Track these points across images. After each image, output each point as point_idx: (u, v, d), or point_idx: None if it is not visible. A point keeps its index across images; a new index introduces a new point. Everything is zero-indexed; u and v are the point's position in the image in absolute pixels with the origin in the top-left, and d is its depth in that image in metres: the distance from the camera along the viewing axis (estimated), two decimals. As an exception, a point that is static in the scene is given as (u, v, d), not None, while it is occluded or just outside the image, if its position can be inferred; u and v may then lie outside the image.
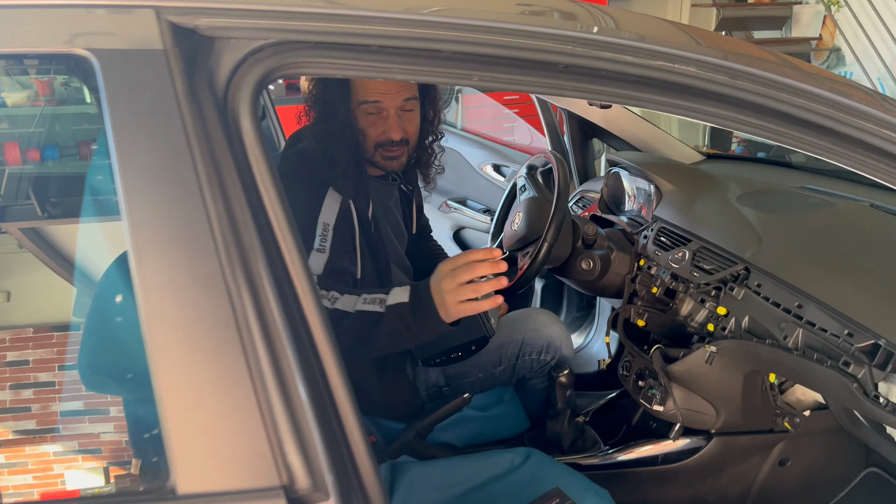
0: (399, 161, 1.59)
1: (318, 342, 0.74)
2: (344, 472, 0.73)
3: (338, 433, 0.74)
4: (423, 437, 1.59)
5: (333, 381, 0.74)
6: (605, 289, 1.84)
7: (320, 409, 0.72)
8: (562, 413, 1.67)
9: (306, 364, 0.72)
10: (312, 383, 0.72)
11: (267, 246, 0.71)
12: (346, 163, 1.50)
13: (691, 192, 1.77)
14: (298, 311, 0.72)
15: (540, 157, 1.91)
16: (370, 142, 1.55)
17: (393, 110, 1.53)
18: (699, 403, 1.59)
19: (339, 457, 0.74)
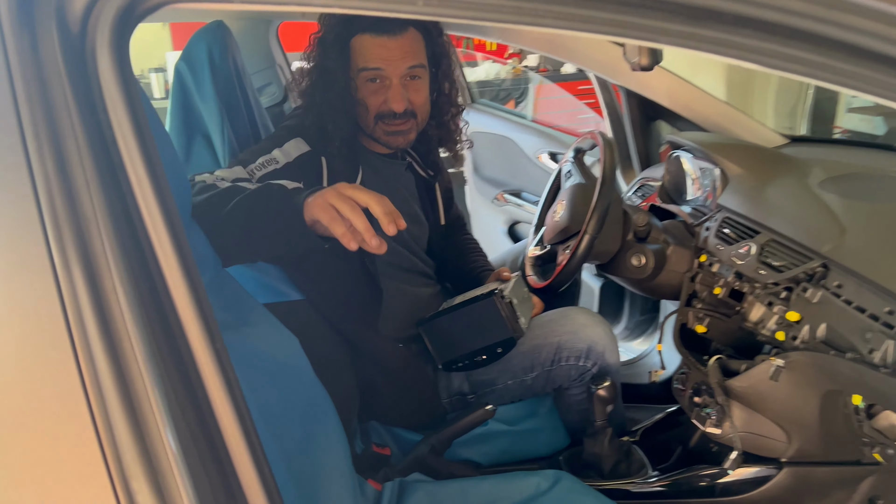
0: (405, 137, 1.42)
1: (196, 351, 0.56)
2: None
3: (215, 466, 0.57)
4: (439, 453, 1.41)
5: (214, 396, 0.57)
6: (659, 289, 1.60)
7: (188, 434, 0.55)
8: (601, 432, 1.44)
9: (173, 375, 0.55)
10: (181, 401, 0.55)
11: (123, 233, 0.54)
12: (340, 138, 1.34)
13: (763, 176, 1.50)
14: (159, 308, 0.55)
15: (587, 138, 1.68)
16: (370, 113, 1.39)
17: (396, 79, 1.36)
18: (766, 427, 1.33)
19: (221, 498, 0.56)
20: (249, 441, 0.59)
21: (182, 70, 1.35)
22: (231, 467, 0.57)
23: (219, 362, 0.58)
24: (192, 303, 0.56)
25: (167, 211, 0.56)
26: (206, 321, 0.57)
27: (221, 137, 1.36)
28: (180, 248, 0.56)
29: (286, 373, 1.16)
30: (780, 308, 1.27)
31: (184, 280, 0.56)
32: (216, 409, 0.56)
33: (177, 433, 0.53)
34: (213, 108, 1.35)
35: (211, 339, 0.57)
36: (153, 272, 0.55)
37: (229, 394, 0.58)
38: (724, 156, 1.55)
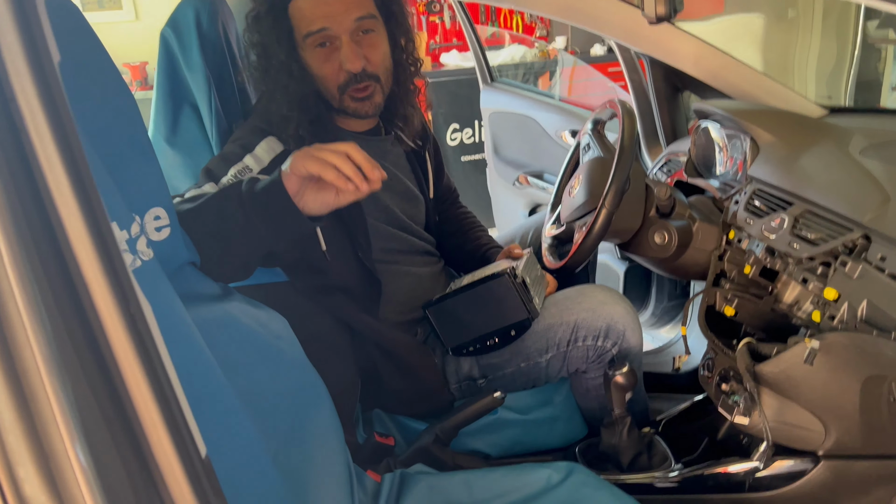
0: (371, 102, 1.31)
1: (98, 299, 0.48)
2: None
3: (135, 455, 0.48)
4: (445, 444, 1.32)
5: (123, 360, 0.48)
6: (685, 268, 1.48)
7: (91, 407, 0.46)
8: (619, 421, 1.34)
9: (72, 327, 0.46)
10: (84, 364, 0.46)
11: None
12: (297, 121, 1.24)
13: (797, 144, 1.37)
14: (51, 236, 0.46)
15: (606, 108, 1.57)
16: (332, 85, 1.28)
17: (346, 35, 1.24)
18: (801, 416, 1.21)
19: (137, 493, 0.48)
20: (171, 420, 0.50)
21: (168, 36, 1.28)
22: (149, 449, 0.48)
23: (129, 319, 0.49)
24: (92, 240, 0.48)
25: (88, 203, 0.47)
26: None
27: (209, 108, 1.28)
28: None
29: (274, 353, 1.08)
30: (815, 285, 1.15)
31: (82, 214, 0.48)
32: (127, 376, 0.48)
33: (75, 405, 0.45)
34: (200, 77, 1.27)
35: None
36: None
37: (143, 359, 0.49)
38: (755, 123, 1.43)
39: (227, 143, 1.26)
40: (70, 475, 0.45)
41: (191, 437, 0.53)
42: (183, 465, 0.51)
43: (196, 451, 0.53)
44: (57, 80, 0.49)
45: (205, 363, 0.85)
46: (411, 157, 1.52)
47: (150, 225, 0.90)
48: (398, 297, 1.41)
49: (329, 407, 1.16)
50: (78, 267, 0.49)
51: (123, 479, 0.48)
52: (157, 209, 0.91)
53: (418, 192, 1.50)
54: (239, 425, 0.90)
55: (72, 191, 0.48)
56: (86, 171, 0.50)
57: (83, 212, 0.49)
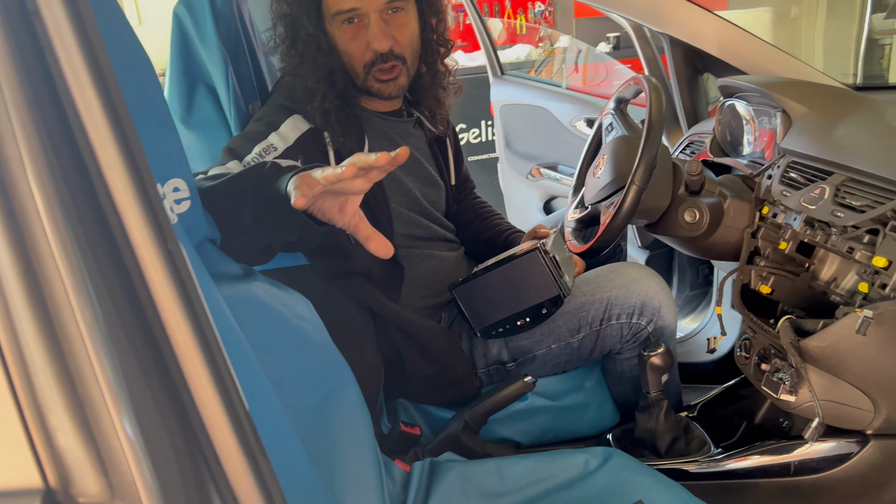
0: (397, 83, 1.28)
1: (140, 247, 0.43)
2: (188, 471, 0.43)
3: (174, 407, 0.43)
4: (474, 431, 1.27)
5: (166, 307, 0.43)
6: (717, 247, 1.43)
7: (136, 370, 0.41)
8: (655, 404, 1.28)
9: (107, 274, 0.41)
10: (118, 307, 0.41)
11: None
12: (322, 94, 1.20)
13: (831, 114, 1.33)
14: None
15: (630, 85, 1.52)
16: (357, 63, 1.24)
17: (375, 13, 1.21)
18: (848, 393, 1.15)
19: (178, 448, 0.43)
20: (217, 372, 0.46)
21: (181, 14, 1.24)
22: (190, 400, 0.43)
23: (172, 265, 0.44)
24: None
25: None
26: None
27: (226, 87, 1.24)
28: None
29: (298, 334, 1.03)
30: (863, 254, 1.10)
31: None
32: (169, 324, 0.43)
33: (111, 351, 0.40)
34: (216, 54, 1.23)
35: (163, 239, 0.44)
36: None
37: (184, 303, 0.44)
38: (787, 95, 1.38)
39: (250, 122, 1.22)
40: (108, 424, 0.40)
41: (235, 389, 0.48)
42: (228, 416, 0.46)
43: (241, 403, 0.49)
44: (106, 56, 0.45)
45: (233, 337, 0.80)
46: (432, 143, 1.47)
47: (171, 196, 0.86)
48: (421, 281, 1.36)
49: (355, 390, 1.11)
50: (121, 223, 0.44)
51: (163, 432, 0.43)
52: (176, 180, 0.86)
53: (439, 178, 1.46)
54: (268, 404, 0.85)
55: (117, 149, 0.44)
56: (132, 132, 0.46)
57: (128, 170, 0.45)
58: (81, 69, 0.43)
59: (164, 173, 0.85)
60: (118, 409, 0.40)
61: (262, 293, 1.01)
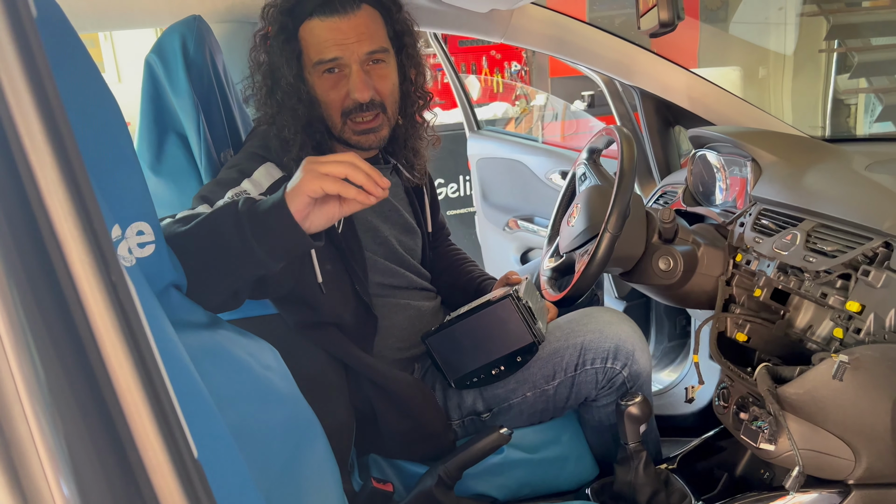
0: (377, 135, 1.27)
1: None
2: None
3: (118, 462, 0.41)
4: (449, 487, 1.22)
5: (118, 376, 0.41)
6: (691, 295, 1.42)
7: (77, 425, 0.39)
8: (634, 456, 1.25)
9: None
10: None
11: None
12: (300, 144, 1.20)
13: (800, 162, 1.35)
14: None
15: (602, 135, 1.54)
16: (334, 111, 1.24)
17: (356, 64, 1.21)
18: (829, 442, 1.13)
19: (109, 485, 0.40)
20: (161, 414, 0.43)
21: (152, 62, 1.24)
22: (131, 441, 0.41)
23: (120, 309, 0.42)
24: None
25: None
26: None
27: (198, 135, 1.23)
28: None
29: (264, 385, 0.99)
30: (836, 299, 1.10)
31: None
32: (111, 364, 0.41)
33: (48, 402, 0.37)
34: (187, 102, 1.22)
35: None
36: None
37: (130, 345, 0.42)
38: (756, 144, 1.41)
39: (223, 169, 1.21)
40: (37, 467, 0.37)
41: (182, 435, 0.46)
42: (173, 462, 0.43)
43: (188, 449, 0.46)
44: (50, 78, 0.44)
45: (193, 387, 0.77)
46: (409, 190, 1.47)
47: (133, 240, 0.84)
48: (396, 332, 1.34)
49: (324, 444, 1.07)
50: (62, 255, 0.42)
51: (100, 474, 0.40)
52: (140, 223, 0.85)
53: (416, 225, 1.45)
54: (229, 457, 0.81)
55: (64, 187, 0.42)
56: (80, 168, 0.44)
57: (76, 208, 0.43)
58: (24, 93, 0.41)
59: (128, 216, 0.83)
60: (55, 469, 0.37)
61: (228, 342, 0.98)
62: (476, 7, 1.59)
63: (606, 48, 1.71)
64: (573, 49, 1.70)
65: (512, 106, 4.75)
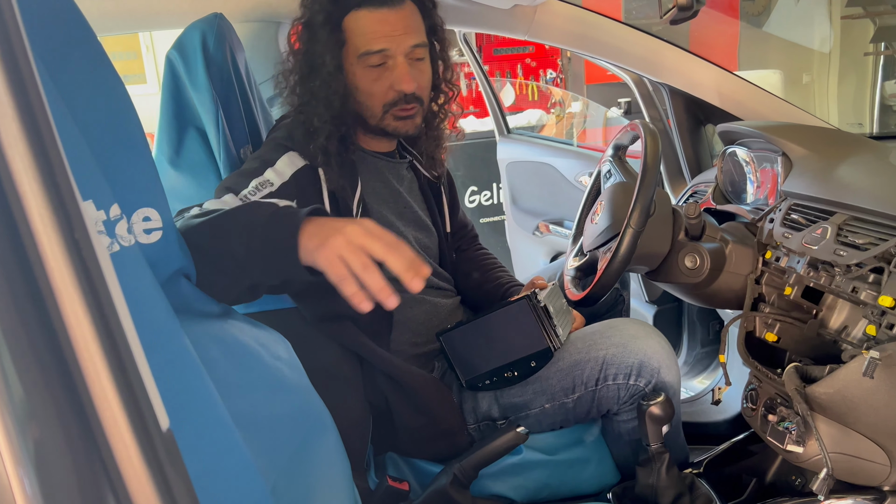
0: (413, 122, 1.28)
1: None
2: (74, 470, 0.39)
3: (63, 388, 0.40)
4: (464, 486, 1.20)
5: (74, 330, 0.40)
6: (719, 294, 1.38)
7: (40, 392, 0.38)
8: (656, 458, 1.21)
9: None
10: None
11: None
12: (327, 134, 1.20)
13: (832, 155, 1.29)
14: None
15: (627, 131, 1.51)
16: (377, 103, 1.24)
17: (401, 56, 1.22)
18: (861, 445, 1.08)
19: (68, 444, 0.39)
20: (125, 384, 0.42)
21: (173, 58, 1.25)
22: (83, 381, 0.40)
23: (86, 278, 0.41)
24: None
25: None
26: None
27: (216, 129, 1.24)
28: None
29: (273, 375, 0.99)
30: (868, 294, 1.05)
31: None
32: (60, 296, 0.40)
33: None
34: (206, 97, 1.23)
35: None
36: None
37: (94, 312, 0.41)
38: (786, 138, 1.36)
39: (246, 161, 1.22)
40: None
41: (148, 405, 0.44)
42: (134, 430, 0.42)
43: (154, 419, 0.45)
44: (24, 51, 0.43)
45: (188, 366, 0.76)
46: (425, 187, 1.45)
47: (139, 226, 0.84)
48: (412, 326, 1.32)
49: (335, 438, 1.06)
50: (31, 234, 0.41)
51: (60, 438, 0.39)
52: (147, 209, 0.85)
53: (430, 224, 1.43)
54: (230, 446, 0.80)
55: (33, 162, 0.42)
56: (52, 143, 0.43)
57: (43, 179, 0.42)
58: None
59: (134, 201, 0.83)
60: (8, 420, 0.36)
61: (237, 331, 0.97)
62: (499, 3, 1.58)
63: (633, 44, 1.67)
64: (598, 45, 1.68)
65: (547, 113, 4.72)
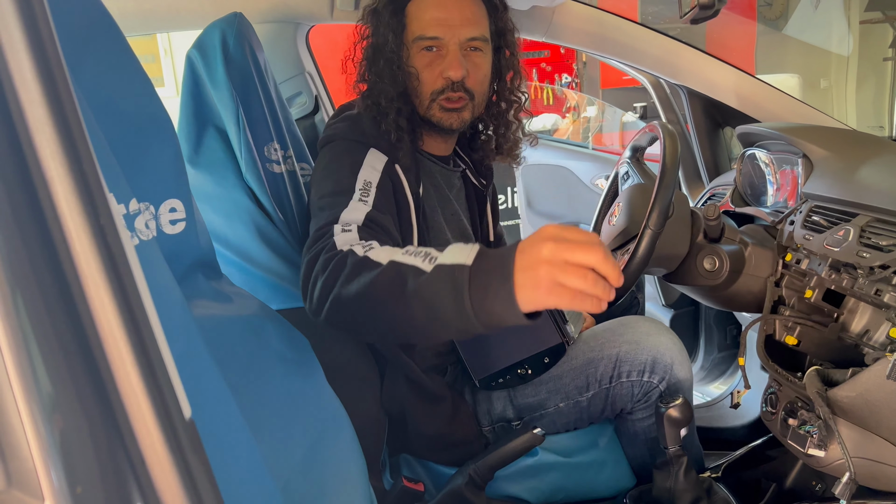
0: (460, 116, 1.24)
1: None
2: (95, 457, 0.38)
3: (98, 401, 0.40)
4: (479, 487, 1.19)
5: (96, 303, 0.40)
6: (738, 297, 1.36)
7: (56, 357, 0.38)
8: (674, 461, 1.20)
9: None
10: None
11: None
12: (396, 112, 1.20)
13: (854, 156, 1.28)
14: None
15: (645, 132, 1.50)
16: (426, 89, 1.23)
17: (455, 45, 1.21)
18: (884, 450, 1.06)
19: (97, 443, 0.39)
20: (150, 373, 0.42)
21: (193, 57, 1.25)
22: (109, 372, 0.40)
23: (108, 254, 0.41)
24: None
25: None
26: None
27: (237, 124, 1.24)
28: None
29: (290, 371, 0.99)
30: (892, 296, 1.03)
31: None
32: (89, 290, 0.40)
33: (17, 315, 0.36)
34: (226, 95, 1.23)
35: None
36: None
37: (120, 298, 0.41)
38: (807, 139, 1.34)
39: (322, 175, 1.19)
40: (9, 402, 0.36)
41: (172, 393, 0.44)
42: (158, 418, 0.42)
43: (177, 407, 0.44)
44: (54, 47, 0.43)
45: (199, 359, 0.76)
46: (472, 196, 1.44)
47: (165, 217, 0.84)
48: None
49: (350, 436, 1.05)
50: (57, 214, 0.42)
51: (81, 423, 0.39)
52: (173, 201, 0.85)
53: (472, 233, 1.42)
54: (239, 442, 0.80)
55: (63, 153, 0.42)
56: (81, 139, 0.43)
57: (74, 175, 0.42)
58: (21, 48, 0.41)
59: (162, 193, 0.84)
60: (24, 387, 0.36)
61: (253, 326, 0.97)
62: (517, 4, 1.58)
63: (650, 45, 1.67)
64: (616, 47, 1.67)
65: (562, 118, 4.71)
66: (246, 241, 1.26)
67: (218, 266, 0.98)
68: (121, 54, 0.81)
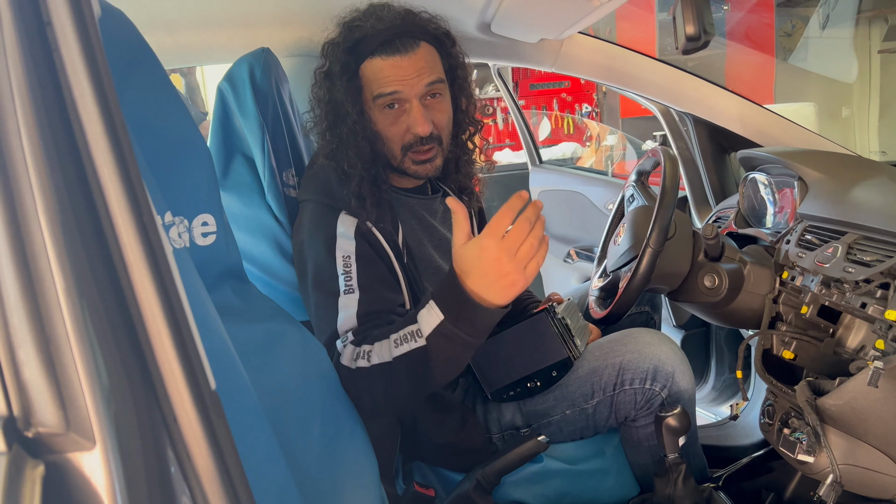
0: (433, 164, 1.31)
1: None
2: (135, 412, 0.47)
3: (138, 366, 0.48)
4: (487, 492, 1.25)
5: (136, 274, 0.49)
6: (738, 314, 1.42)
7: (104, 323, 0.46)
8: (673, 468, 1.25)
9: (84, 228, 0.47)
10: (91, 260, 0.47)
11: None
12: (358, 178, 1.24)
13: (846, 178, 1.34)
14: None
15: (649, 157, 1.57)
16: (394, 145, 1.28)
17: (415, 100, 1.25)
18: (872, 457, 1.11)
19: (137, 399, 0.47)
20: (182, 345, 0.50)
21: (224, 89, 1.36)
22: (148, 344, 0.48)
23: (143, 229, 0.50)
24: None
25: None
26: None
27: (262, 153, 1.34)
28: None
29: (309, 376, 1.06)
30: (876, 309, 1.09)
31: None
32: (134, 277, 0.48)
33: (77, 296, 0.45)
34: (254, 124, 1.33)
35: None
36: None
37: (153, 266, 0.49)
38: (802, 162, 1.41)
39: (307, 239, 1.26)
40: (70, 363, 0.45)
41: (200, 366, 0.52)
42: (188, 383, 0.50)
43: (205, 378, 0.53)
44: (109, 77, 0.53)
45: (223, 356, 0.84)
46: None
47: (198, 229, 0.93)
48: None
49: (363, 440, 1.12)
50: (104, 201, 0.50)
51: (124, 382, 0.47)
52: (206, 215, 0.93)
53: None
54: (261, 438, 0.87)
55: (118, 175, 0.51)
56: (130, 156, 0.52)
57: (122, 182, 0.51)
58: (83, 77, 0.50)
59: (195, 207, 0.93)
60: (81, 351, 0.44)
61: (274, 332, 1.05)
62: (526, 38, 1.67)
63: (654, 74, 1.75)
64: (622, 76, 1.75)
65: (582, 146, 4.79)
66: (269, 257, 1.35)
67: (245, 276, 1.06)
68: (160, 84, 0.91)
